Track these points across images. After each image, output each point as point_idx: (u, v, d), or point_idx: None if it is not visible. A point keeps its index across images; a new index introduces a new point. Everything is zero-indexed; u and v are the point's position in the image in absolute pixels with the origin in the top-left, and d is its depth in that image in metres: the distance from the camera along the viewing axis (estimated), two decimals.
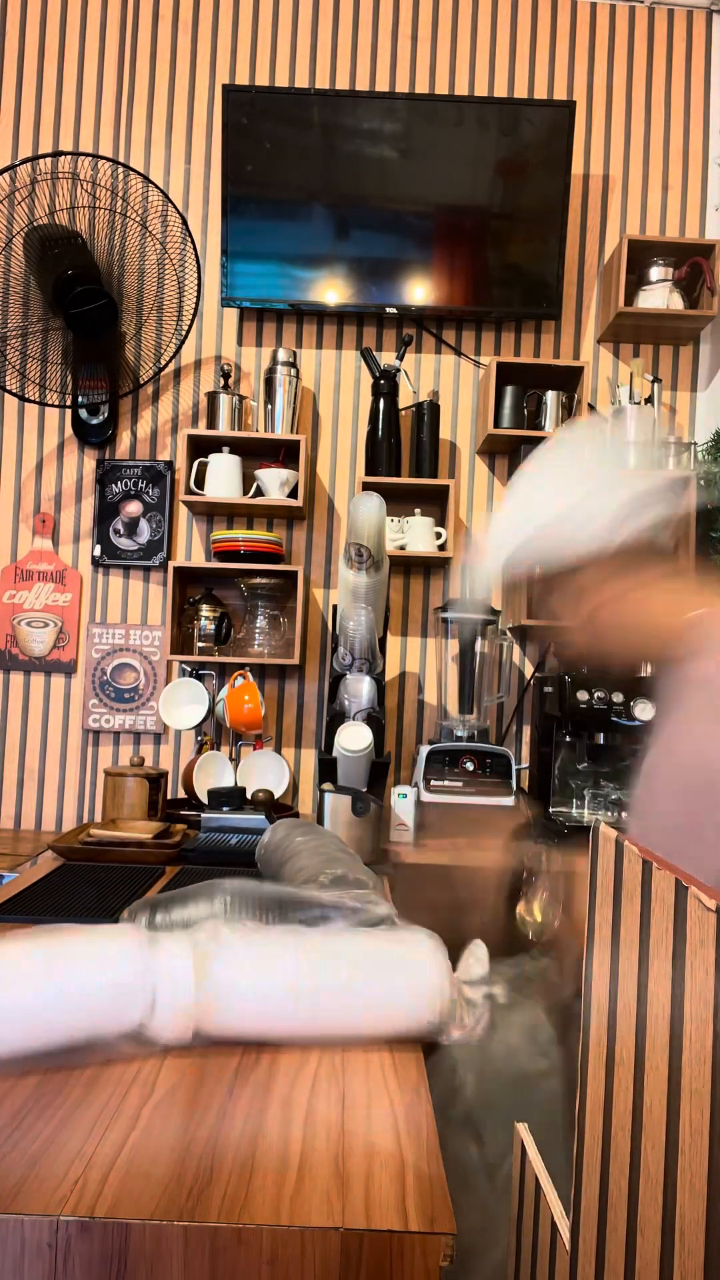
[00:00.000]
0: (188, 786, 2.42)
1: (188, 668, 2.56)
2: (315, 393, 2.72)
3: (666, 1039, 0.50)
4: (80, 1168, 0.74)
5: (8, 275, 2.43)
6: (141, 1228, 0.68)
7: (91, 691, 2.67)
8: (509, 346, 2.74)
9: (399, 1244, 0.68)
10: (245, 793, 2.13)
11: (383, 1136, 0.81)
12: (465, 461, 2.73)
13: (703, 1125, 0.46)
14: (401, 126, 2.54)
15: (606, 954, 0.59)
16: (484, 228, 2.60)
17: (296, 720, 2.69)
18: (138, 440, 2.71)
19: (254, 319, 2.72)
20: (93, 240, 2.45)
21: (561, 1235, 0.68)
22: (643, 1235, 0.53)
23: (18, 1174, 0.73)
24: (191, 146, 2.72)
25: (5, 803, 2.67)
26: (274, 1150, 0.78)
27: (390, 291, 2.60)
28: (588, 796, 2.37)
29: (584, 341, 2.74)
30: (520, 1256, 0.79)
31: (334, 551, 2.71)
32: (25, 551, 2.70)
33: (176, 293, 2.51)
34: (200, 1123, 0.82)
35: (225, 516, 2.70)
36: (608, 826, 0.62)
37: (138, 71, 2.72)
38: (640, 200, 2.74)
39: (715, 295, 2.50)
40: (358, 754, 1.99)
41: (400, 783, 2.54)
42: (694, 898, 0.47)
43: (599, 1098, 0.60)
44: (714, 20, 2.74)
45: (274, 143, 2.55)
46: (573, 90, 2.73)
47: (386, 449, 2.57)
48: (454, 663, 2.53)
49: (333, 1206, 0.70)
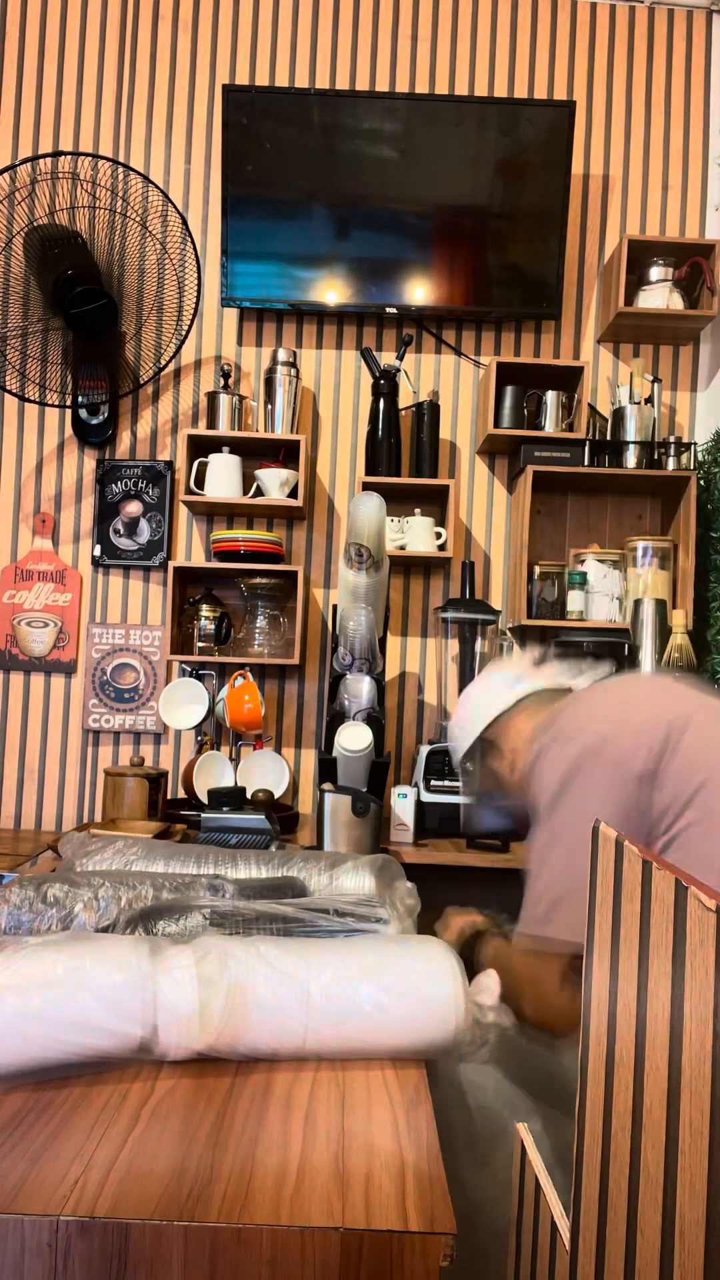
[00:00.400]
0: (188, 786, 2.42)
1: (188, 668, 2.56)
2: (315, 393, 2.72)
3: (666, 1039, 0.50)
4: (80, 1168, 0.74)
5: (8, 275, 2.43)
6: (141, 1228, 0.68)
7: (91, 691, 2.67)
8: (509, 346, 2.74)
9: (399, 1244, 0.68)
10: (245, 793, 2.13)
11: (383, 1136, 0.81)
12: (465, 461, 2.73)
13: (703, 1125, 0.46)
14: (401, 126, 2.54)
15: (606, 954, 0.59)
16: (484, 228, 2.60)
17: (296, 720, 2.69)
18: (138, 440, 2.71)
19: (254, 319, 2.72)
20: (93, 240, 2.45)
21: (561, 1235, 0.68)
22: (643, 1235, 0.53)
23: (18, 1174, 0.73)
24: (191, 146, 2.72)
25: (5, 803, 2.67)
26: (274, 1150, 0.78)
27: (390, 291, 2.60)
28: None
29: (584, 341, 2.74)
30: (520, 1256, 0.79)
31: (334, 551, 2.71)
32: (25, 551, 2.70)
33: (176, 293, 2.51)
34: (200, 1123, 0.82)
35: (225, 516, 2.70)
36: (607, 827, 0.62)
37: (138, 71, 2.72)
38: (640, 200, 2.74)
39: (715, 295, 2.50)
40: (358, 754, 1.99)
41: (400, 783, 2.54)
42: (694, 898, 0.47)
43: (599, 1098, 0.60)
44: (714, 20, 2.74)
45: (274, 143, 2.55)
46: (573, 90, 2.73)
47: (386, 449, 2.57)
48: (454, 663, 2.53)
49: (333, 1206, 0.70)
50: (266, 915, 1.04)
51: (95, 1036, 0.87)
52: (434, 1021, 0.94)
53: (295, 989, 0.92)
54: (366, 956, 0.97)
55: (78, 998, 0.87)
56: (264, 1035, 0.91)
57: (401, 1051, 0.95)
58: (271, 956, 0.94)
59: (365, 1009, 0.93)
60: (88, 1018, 0.87)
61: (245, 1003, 0.91)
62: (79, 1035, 0.87)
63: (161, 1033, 0.88)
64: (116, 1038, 0.88)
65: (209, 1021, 0.89)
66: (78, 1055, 0.87)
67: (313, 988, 0.92)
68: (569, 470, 2.49)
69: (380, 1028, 0.93)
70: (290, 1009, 0.92)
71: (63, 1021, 0.86)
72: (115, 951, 0.92)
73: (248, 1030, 0.91)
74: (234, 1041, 0.91)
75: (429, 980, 0.95)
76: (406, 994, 0.94)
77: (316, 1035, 0.92)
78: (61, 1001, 0.87)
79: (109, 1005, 0.87)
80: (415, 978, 0.95)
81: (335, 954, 0.97)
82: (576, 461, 2.50)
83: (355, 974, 0.95)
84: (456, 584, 2.69)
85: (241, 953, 0.94)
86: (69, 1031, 0.86)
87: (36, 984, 0.87)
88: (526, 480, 2.48)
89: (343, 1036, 0.93)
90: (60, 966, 0.89)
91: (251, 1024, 0.91)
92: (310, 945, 0.99)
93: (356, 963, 0.96)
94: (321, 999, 0.92)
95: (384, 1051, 0.94)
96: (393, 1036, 0.94)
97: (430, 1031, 0.94)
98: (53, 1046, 0.86)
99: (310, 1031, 0.92)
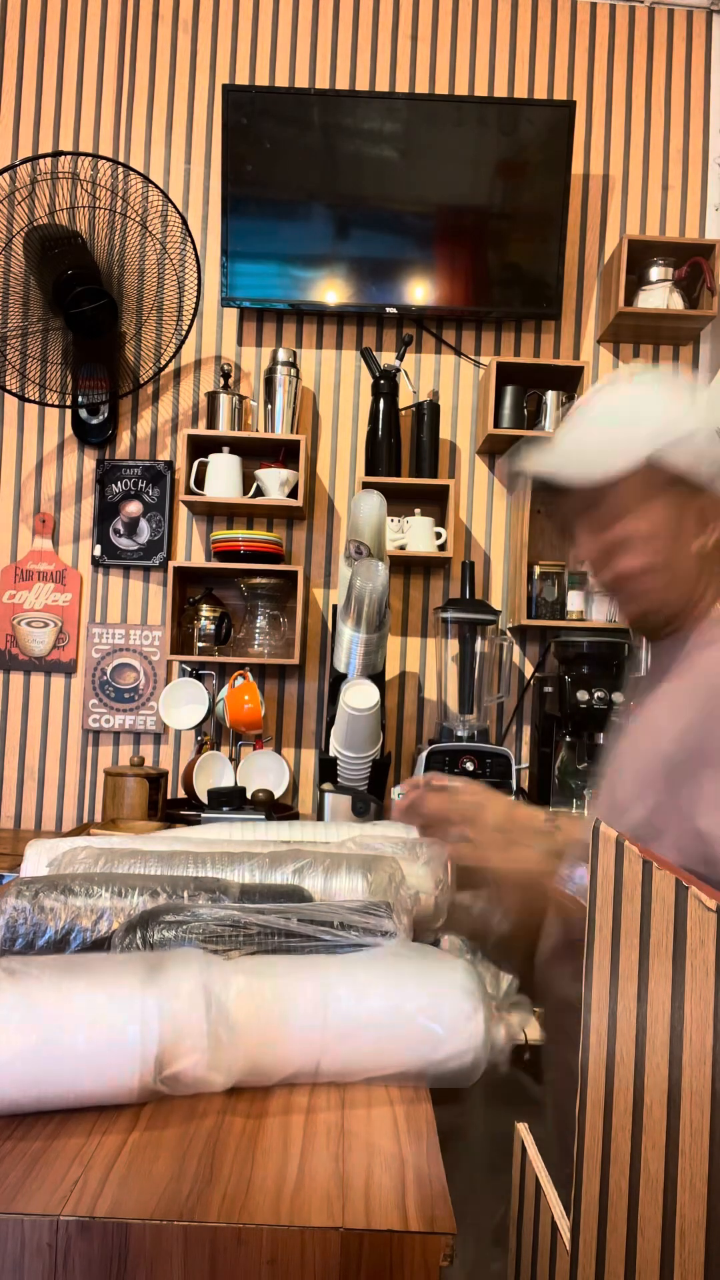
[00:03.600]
0: (188, 786, 2.42)
1: (188, 668, 2.56)
2: (315, 393, 2.72)
3: (666, 1039, 0.50)
4: (80, 1168, 0.74)
5: (8, 275, 2.43)
6: (141, 1228, 0.68)
7: (91, 691, 2.67)
8: (509, 346, 2.74)
9: (399, 1244, 0.68)
10: (245, 793, 2.13)
11: (383, 1136, 0.81)
12: (465, 461, 2.73)
13: (703, 1125, 0.46)
14: (401, 126, 2.54)
15: (606, 954, 0.59)
16: (484, 228, 2.60)
17: (296, 720, 2.69)
18: (138, 440, 2.71)
19: (254, 319, 2.72)
20: (93, 240, 2.45)
21: (561, 1235, 0.68)
22: (643, 1235, 0.53)
23: (18, 1174, 0.73)
24: (191, 146, 2.72)
25: (5, 803, 2.67)
26: (274, 1150, 0.78)
27: (390, 291, 2.60)
28: (588, 796, 2.37)
29: (584, 341, 2.74)
30: (520, 1256, 0.79)
31: (334, 551, 2.71)
32: (25, 551, 2.70)
33: (176, 293, 2.51)
34: (200, 1123, 0.82)
35: (225, 516, 2.70)
36: (607, 827, 0.62)
37: (138, 71, 2.72)
38: (640, 200, 2.74)
39: (715, 295, 2.50)
40: (364, 712, 1.92)
41: (400, 783, 2.53)
42: (694, 898, 0.47)
43: (599, 1098, 0.60)
44: (714, 20, 2.74)
45: (274, 143, 2.55)
46: (573, 90, 2.73)
47: (386, 449, 2.57)
48: (454, 663, 2.53)
49: (333, 1206, 0.70)
50: (268, 930, 1.01)
51: (91, 1082, 0.81)
52: (456, 1045, 0.88)
53: (306, 1014, 0.87)
54: (383, 980, 0.91)
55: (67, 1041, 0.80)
56: (275, 1064, 0.86)
57: (411, 1077, 0.90)
58: (279, 978, 0.89)
59: (380, 1033, 0.88)
60: (79, 1064, 0.81)
61: (255, 1032, 0.85)
62: (71, 1081, 0.81)
63: (164, 1065, 0.83)
64: (114, 1082, 0.82)
65: (216, 1046, 0.83)
66: (74, 1099, 0.82)
67: (327, 1014, 0.87)
68: None
69: (393, 1051, 0.88)
70: (300, 1037, 0.86)
71: (50, 1067, 0.80)
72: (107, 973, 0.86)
73: (259, 1060, 0.85)
74: (245, 1075, 0.86)
75: (448, 1005, 0.89)
76: (423, 1017, 0.88)
77: (330, 1062, 0.87)
78: (49, 1047, 0.80)
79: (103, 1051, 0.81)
80: (436, 1003, 0.89)
81: (347, 975, 0.92)
82: None
83: (370, 996, 0.89)
84: (456, 584, 2.69)
85: (244, 978, 0.88)
86: (57, 1079, 0.81)
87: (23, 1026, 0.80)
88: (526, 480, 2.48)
89: (358, 1062, 0.88)
90: (51, 1004, 0.82)
91: (264, 1053, 0.85)
92: (319, 964, 0.93)
93: (372, 983, 0.90)
94: (336, 1025, 0.87)
95: (394, 1075, 0.89)
96: (404, 1062, 0.88)
97: (452, 1056, 0.88)
98: (44, 1091, 0.81)
99: (325, 1058, 0.87)
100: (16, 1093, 0.80)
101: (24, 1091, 0.80)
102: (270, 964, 0.92)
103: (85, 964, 0.89)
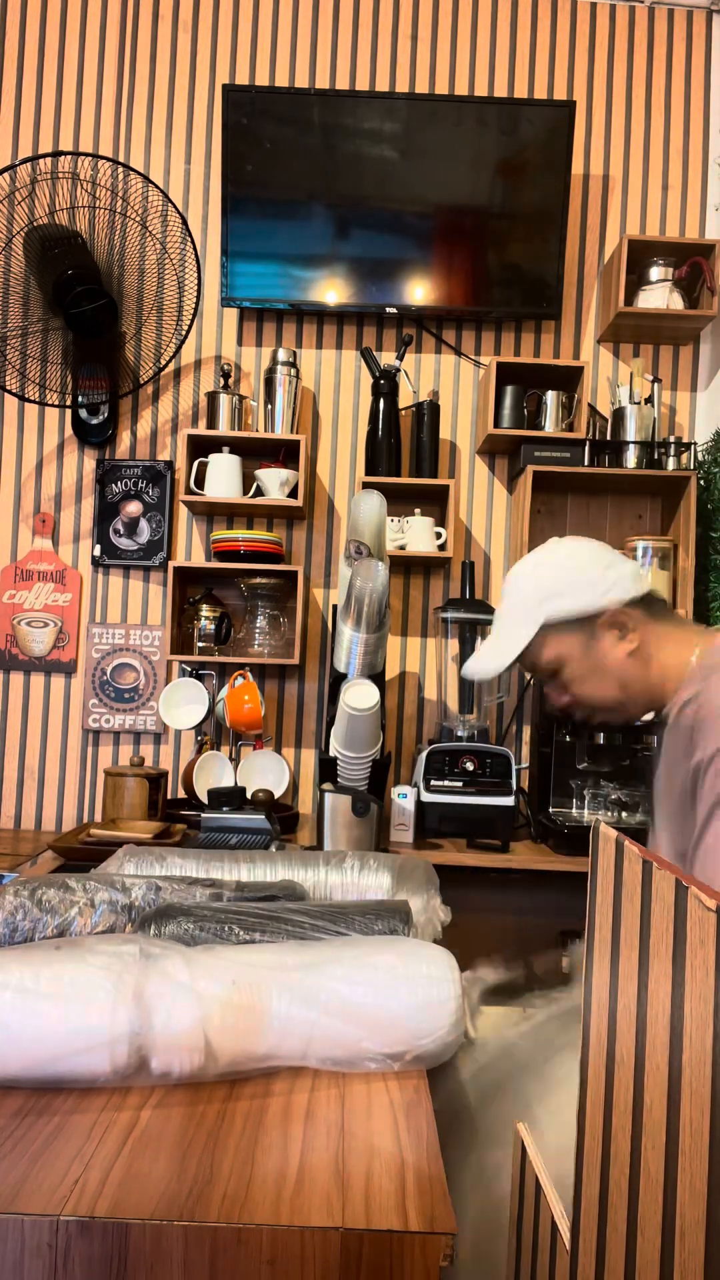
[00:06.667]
0: (188, 786, 2.42)
1: (188, 668, 2.56)
2: (315, 393, 2.72)
3: (666, 1039, 0.50)
4: (80, 1168, 0.74)
5: (8, 275, 2.43)
6: (141, 1228, 0.68)
7: (91, 691, 2.67)
8: (509, 346, 2.74)
9: (399, 1244, 0.68)
10: (245, 793, 2.13)
11: (383, 1136, 0.81)
12: (465, 461, 2.73)
13: (703, 1125, 0.46)
14: (401, 126, 2.54)
15: (606, 954, 0.59)
16: (484, 228, 2.60)
17: (296, 720, 2.69)
18: (138, 440, 2.71)
19: (254, 319, 2.72)
20: (93, 240, 2.45)
21: (561, 1235, 0.68)
22: (643, 1235, 0.53)
23: (18, 1174, 0.73)
24: (191, 146, 2.72)
25: (5, 803, 2.67)
26: (274, 1150, 0.78)
27: (390, 291, 2.60)
28: (588, 796, 2.37)
29: (584, 341, 2.74)
30: (520, 1256, 0.79)
31: (334, 551, 2.71)
32: (25, 551, 2.70)
33: (176, 293, 2.51)
34: (200, 1122, 0.82)
35: (225, 516, 2.70)
36: (607, 826, 0.62)
37: (138, 71, 2.72)
38: (640, 200, 2.74)
39: (715, 295, 2.50)
40: (364, 712, 1.92)
41: (400, 783, 2.54)
42: (694, 898, 0.47)
43: (599, 1098, 0.60)
44: (714, 20, 2.74)
45: (274, 143, 2.55)
46: (573, 90, 2.73)
47: (386, 449, 2.57)
48: (454, 663, 2.53)
49: (333, 1206, 0.70)
50: (273, 917, 1.03)
51: (72, 1060, 0.83)
52: (432, 1026, 0.91)
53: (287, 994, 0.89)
54: (367, 964, 0.94)
55: (51, 1014, 0.83)
56: (262, 1049, 0.88)
57: (404, 1053, 0.92)
58: (267, 968, 0.91)
59: (363, 1016, 0.90)
60: (62, 1039, 0.83)
61: (244, 1017, 0.87)
62: (51, 1059, 0.83)
63: (154, 1055, 0.85)
64: (98, 1061, 0.84)
65: (208, 1044, 0.85)
66: (52, 1078, 0.84)
67: (313, 997, 0.89)
68: (569, 470, 2.49)
69: (376, 1033, 0.90)
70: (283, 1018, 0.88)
71: (30, 1039, 0.83)
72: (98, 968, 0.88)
73: (246, 1047, 0.87)
74: (233, 1063, 0.87)
75: (428, 984, 0.92)
76: (404, 998, 0.91)
77: (319, 1046, 0.89)
78: (32, 1018, 0.83)
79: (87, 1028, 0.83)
80: (412, 981, 0.92)
81: (334, 959, 0.94)
82: (576, 461, 2.50)
83: (355, 981, 0.91)
84: (456, 584, 2.69)
85: (229, 962, 0.90)
86: (41, 1050, 0.83)
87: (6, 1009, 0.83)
88: (526, 480, 2.48)
89: (344, 1045, 0.90)
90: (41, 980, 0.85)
91: (251, 1039, 0.87)
92: (307, 949, 0.96)
93: (358, 968, 0.93)
94: (324, 1007, 0.89)
95: (379, 1056, 0.92)
96: (390, 1042, 0.91)
97: (429, 1037, 0.91)
98: (26, 1065, 0.83)
99: (313, 1042, 0.89)
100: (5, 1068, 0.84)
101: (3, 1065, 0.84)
102: (259, 949, 0.95)
103: (75, 944, 0.92)
